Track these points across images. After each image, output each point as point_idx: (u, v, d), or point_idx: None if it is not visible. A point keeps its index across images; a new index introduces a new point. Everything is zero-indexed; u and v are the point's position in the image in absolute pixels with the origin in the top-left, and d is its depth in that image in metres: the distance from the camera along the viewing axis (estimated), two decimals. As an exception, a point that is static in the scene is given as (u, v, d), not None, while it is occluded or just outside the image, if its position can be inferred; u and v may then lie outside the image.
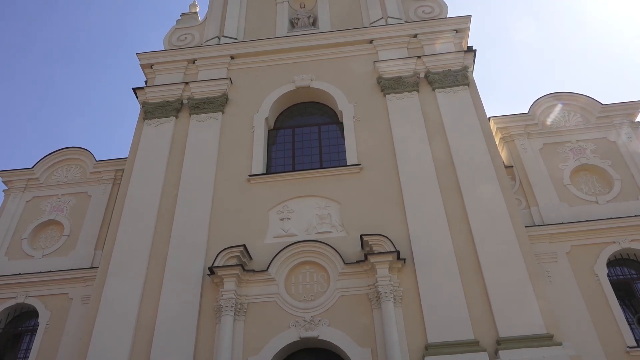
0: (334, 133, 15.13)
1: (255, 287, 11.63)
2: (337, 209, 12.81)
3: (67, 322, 12.73)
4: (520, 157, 14.67)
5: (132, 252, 12.49)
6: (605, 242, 12.63)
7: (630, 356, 10.92)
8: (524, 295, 10.73)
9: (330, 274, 11.68)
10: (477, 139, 13.47)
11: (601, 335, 11.15)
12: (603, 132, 15.02)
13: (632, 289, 12.49)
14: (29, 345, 12.95)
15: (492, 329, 10.48)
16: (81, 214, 15.03)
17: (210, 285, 11.72)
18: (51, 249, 14.43)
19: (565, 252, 12.52)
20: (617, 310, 11.58)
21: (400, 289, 11.14)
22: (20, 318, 13.66)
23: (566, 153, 14.66)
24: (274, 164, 14.67)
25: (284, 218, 12.83)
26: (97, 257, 13.79)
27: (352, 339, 10.69)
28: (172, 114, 15.45)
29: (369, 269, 11.38)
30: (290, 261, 11.93)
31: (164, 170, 14.09)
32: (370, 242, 11.62)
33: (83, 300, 12.95)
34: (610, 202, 13.48)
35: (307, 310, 11.20)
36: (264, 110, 15.29)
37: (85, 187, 15.76)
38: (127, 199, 13.60)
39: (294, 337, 10.91)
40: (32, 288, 13.42)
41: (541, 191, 13.84)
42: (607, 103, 15.33)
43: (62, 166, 16.41)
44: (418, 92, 14.92)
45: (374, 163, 13.52)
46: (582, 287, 11.91)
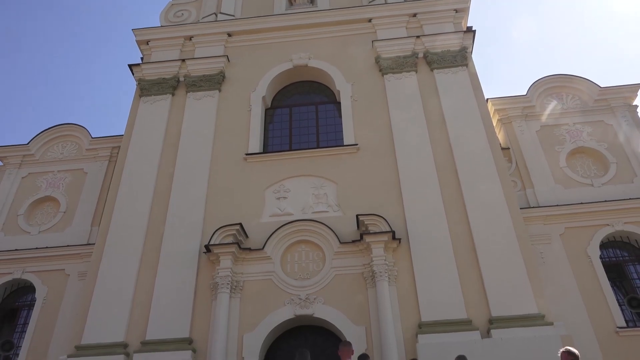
0: (331, 112, 15.07)
1: (251, 265, 11.71)
2: (333, 188, 12.84)
3: (64, 297, 12.83)
4: (517, 139, 14.69)
5: (128, 230, 12.52)
6: (599, 224, 12.74)
7: (619, 336, 11.11)
8: (517, 276, 10.85)
9: (325, 253, 11.77)
10: (475, 121, 13.45)
11: (592, 316, 11.32)
12: (600, 115, 15.03)
13: (623, 270, 12.65)
14: (26, 320, 13.07)
15: (485, 308, 10.61)
16: (77, 191, 15.03)
17: (206, 263, 11.79)
18: (47, 225, 14.46)
19: (559, 234, 12.64)
20: (608, 292, 11.73)
21: (395, 269, 11.24)
22: (17, 293, 13.77)
23: (563, 135, 14.68)
24: (271, 143, 14.64)
25: (280, 197, 12.85)
26: (93, 233, 13.84)
27: (346, 317, 10.82)
28: (169, 91, 15.33)
29: (365, 248, 11.46)
30: (286, 240, 11.99)
31: (160, 148, 14.05)
32: (366, 221, 11.68)
33: (80, 276, 13.03)
34: (605, 185, 13.55)
35: (303, 288, 11.30)
36: (261, 89, 15.19)
37: (81, 163, 15.73)
38: (123, 176, 13.58)
39: (289, 314, 11.03)
40: (29, 264, 13.49)
41: (537, 173, 13.90)
42: (605, 86, 15.31)
43: (57, 142, 16.35)
44: (416, 72, 14.83)
45: (371, 143, 13.51)
46: (575, 269, 12.05)
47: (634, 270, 12.66)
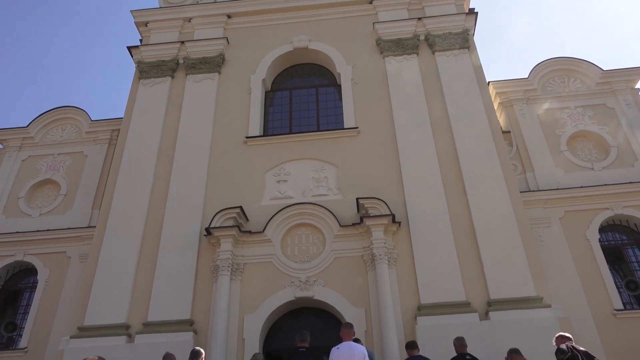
0: (331, 95, 15.00)
1: (251, 247, 11.77)
2: (333, 171, 12.83)
3: (66, 279, 12.93)
4: (518, 122, 14.66)
5: (128, 213, 12.55)
6: (599, 208, 12.77)
7: (617, 318, 11.22)
8: (516, 259, 10.90)
9: (325, 235, 11.81)
10: (476, 104, 13.38)
11: (590, 299, 11.42)
12: (602, 99, 14.96)
13: (622, 254, 12.72)
14: (28, 302, 13.19)
15: (484, 291, 10.68)
16: (77, 174, 15.04)
17: (207, 245, 11.85)
18: (48, 208, 14.50)
19: (558, 217, 12.68)
20: (606, 275, 11.81)
21: (394, 252, 11.30)
22: (19, 275, 13.87)
23: (564, 119, 14.64)
24: (271, 126, 14.60)
25: (280, 180, 12.85)
26: (94, 216, 13.88)
27: (346, 299, 10.91)
28: (168, 73, 15.23)
29: (364, 231, 11.51)
30: (286, 223, 12.03)
31: (160, 131, 14.00)
32: (366, 205, 11.71)
33: (81, 259, 13.11)
34: (606, 169, 13.56)
35: (303, 271, 11.37)
36: (261, 71, 15.08)
37: (81, 146, 15.71)
38: (123, 159, 13.56)
39: (290, 296, 11.11)
40: (31, 246, 13.56)
41: (537, 157, 13.89)
42: (608, 69, 15.21)
43: (57, 125, 16.31)
44: (417, 54, 14.71)
45: (371, 126, 13.46)
46: (574, 252, 12.11)
47: (632, 253, 12.73)
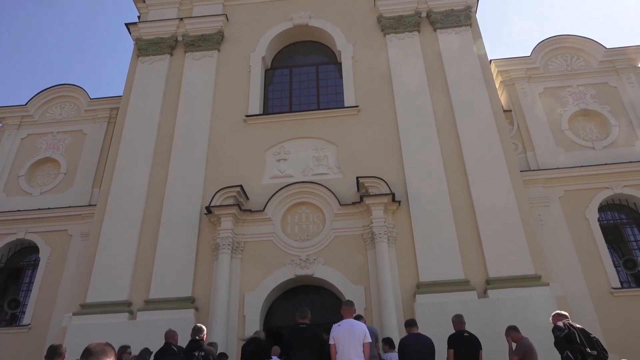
0: (332, 74, 14.87)
1: (251, 226, 11.81)
2: (333, 150, 12.81)
3: (68, 257, 13.00)
4: (520, 101, 14.56)
5: (129, 191, 12.57)
6: (599, 187, 12.77)
7: (614, 296, 11.32)
8: (515, 238, 10.95)
9: (325, 214, 11.85)
10: (477, 82, 13.28)
11: (588, 277, 11.50)
12: (605, 77, 14.84)
13: (621, 233, 12.77)
14: (31, 279, 13.30)
15: (483, 269, 10.77)
16: (77, 152, 15.00)
17: (207, 224, 11.89)
18: (49, 187, 14.51)
19: (558, 197, 12.69)
20: (604, 254, 11.88)
21: (394, 230, 11.35)
22: (21, 253, 13.96)
23: (566, 98, 14.54)
24: (271, 104, 14.51)
25: (280, 159, 12.84)
26: (94, 195, 13.89)
27: (346, 277, 11.00)
28: (167, 51, 15.07)
29: (364, 210, 11.54)
30: (286, 202, 12.06)
31: (159, 109, 13.93)
32: (366, 184, 11.71)
33: (82, 237, 13.16)
34: (607, 148, 13.52)
35: (303, 249, 11.44)
36: (260, 49, 14.93)
37: (81, 125, 15.64)
38: (122, 137, 13.52)
39: (290, 274, 11.21)
40: (32, 224, 13.61)
41: (538, 136, 13.83)
42: (611, 47, 15.05)
43: (56, 103, 16.21)
44: (419, 32, 14.54)
45: (372, 105, 13.38)
46: (573, 231, 12.16)
47: (631, 232, 12.78)
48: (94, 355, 2.71)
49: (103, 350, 2.76)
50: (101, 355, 2.73)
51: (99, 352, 2.74)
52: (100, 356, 2.72)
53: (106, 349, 2.78)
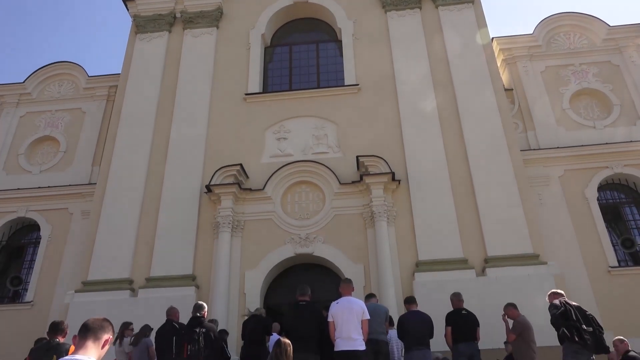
0: (332, 51, 14.72)
1: (251, 205, 11.85)
2: (333, 129, 12.76)
3: (69, 235, 13.08)
4: (521, 79, 14.45)
5: (129, 169, 12.56)
6: (599, 166, 12.77)
7: (611, 275, 11.42)
8: (514, 217, 10.99)
9: (325, 193, 11.87)
10: (479, 60, 13.15)
11: (586, 256, 11.59)
12: (607, 56, 14.70)
13: (619, 212, 12.82)
14: (32, 257, 13.40)
15: (481, 248, 10.83)
16: (76, 131, 14.96)
17: (207, 202, 11.92)
18: (48, 165, 14.51)
19: (558, 176, 12.70)
20: (603, 233, 11.94)
21: (394, 209, 11.38)
22: (23, 231, 14.04)
23: (568, 76, 14.42)
24: (271, 82, 14.40)
25: (280, 138, 12.80)
26: (94, 173, 13.90)
27: (346, 256, 11.08)
28: (165, 28, 14.89)
29: (364, 189, 11.55)
30: (286, 180, 12.07)
31: (158, 87, 13.83)
32: (366, 163, 11.71)
33: (83, 215, 13.22)
34: (608, 127, 13.47)
35: (303, 227, 11.49)
36: (260, 26, 14.74)
37: (79, 103, 15.56)
38: (122, 116, 13.46)
39: (290, 253, 11.28)
40: (32, 202, 13.66)
41: (539, 115, 13.77)
42: (615, 25, 14.88)
43: (54, 81, 16.10)
44: (420, 9, 14.33)
45: (372, 83, 13.28)
46: (572, 210, 12.20)
47: (629, 212, 12.83)
48: (92, 330, 2.73)
49: (101, 326, 2.78)
50: (99, 330, 2.75)
51: (97, 327, 2.76)
52: (97, 332, 2.74)
53: (104, 325, 2.80)
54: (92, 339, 2.70)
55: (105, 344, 2.75)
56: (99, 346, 2.71)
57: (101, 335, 2.74)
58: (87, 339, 2.69)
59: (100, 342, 2.72)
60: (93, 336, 2.71)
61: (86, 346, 2.66)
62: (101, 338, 2.73)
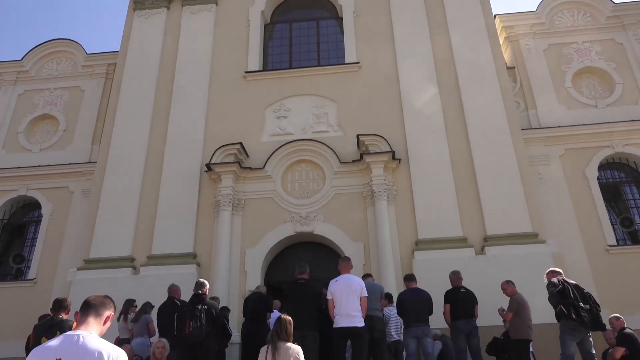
0: (332, 29, 14.53)
1: (252, 183, 11.86)
2: (334, 108, 12.69)
3: (70, 213, 13.11)
4: (524, 58, 14.30)
5: (129, 148, 12.54)
6: (600, 145, 12.73)
7: (609, 254, 11.49)
8: (514, 196, 11.00)
9: (326, 172, 11.87)
10: (481, 38, 13.00)
11: (585, 235, 11.63)
12: (611, 34, 14.52)
13: (619, 191, 12.83)
14: (34, 235, 13.47)
15: (481, 227, 10.87)
16: (75, 109, 14.88)
17: (207, 181, 11.93)
18: (48, 143, 14.48)
19: (558, 155, 12.66)
20: (602, 212, 11.96)
21: (394, 188, 11.39)
22: (24, 209, 14.08)
23: (571, 54, 14.27)
24: (271, 60, 14.26)
25: (280, 116, 12.73)
26: (94, 152, 13.88)
27: (346, 234, 11.13)
28: (163, 4, 14.68)
29: (365, 168, 11.55)
30: (286, 159, 12.06)
31: (157, 65, 13.71)
32: (366, 141, 11.68)
33: (84, 194, 13.24)
34: (610, 106, 13.38)
35: (303, 206, 11.52)
36: (260, 3, 14.53)
37: (78, 81, 15.44)
38: (121, 94, 13.37)
39: (290, 231, 11.34)
40: (33, 181, 13.66)
41: (541, 94, 13.67)
42: (620, 2, 14.67)
43: (52, 59, 15.95)
44: (422, -15, 14.09)
45: (373, 61, 13.16)
46: (572, 189, 12.20)
47: (629, 191, 12.84)
48: (93, 307, 2.76)
49: (102, 303, 2.81)
50: (100, 307, 2.78)
51: (98, 304, 2.79)
52: (99, 308, 2.77)
53: (105, 302, 2.83)
54: (94, 315, 2.73)
55: (107, 320, 2.79)
56: (100, 322, 2.74)
57: (102, 312, 2.77)
58: (88, 316, 2.72)
59: (102, 319, 2.76)
60: (94, 313, 2.74)
61: (88, 322, 2.70)
62: (102, 314, 2.77)
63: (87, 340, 2.53)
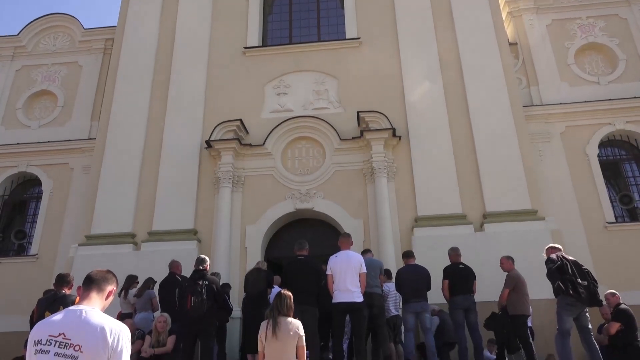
0: (333, 3, 14.29)
1: (252, 160, 11.85)
2: (334, 84, 12.59)
3: (70, 190, 13.12)
4: (526, 34, 14.11)
5: (128, 124, 12.48)
6: (601, 123, 12.67)
7: (607, 230, 11.55)
8: (514, 174, 11.01)
9: (326, 149, 11.85)
10: (483, 13, 12.80)
11: (584, 212, 11.67)
12: (615, 9, 14.30)
13: (619, 169, 12.83)
14: (35, 211, 13.52)
15: (480, 204, 10.90)
16: (74, 84, 14.75)
17: (207, 158, 11.92)
18: (47, 120, 14.40)
19: (559, 132, 12.62)
20: (602, 189, 11.97)
21: (394, 165, 11.39)
22: (24, 186, 14.10)
23: (574, 30, 14.08)
24: (270, 35, 14.07)
25: (280, 93, 12.64)
26: (93, 128, 13.82)
27: (345, 211, 11.17)
28: (161, -22, 14.42)
29: (365, 145, 11.52)
30: (286, 136, 12.02)
31: (155, 40, 13.54)
32: (366, 118, 11.62)
33: (84, 170, 13.24)
34: (612, 83, 13.27)
35: (303, 183, 11.54)
36: (259, -24, 14.27)
37: (76, 56, 15.27)
38: (119, 69, 13.25)
39: (290, 208, 11.37)
40: (33, 157, 13.65)
41: (543, 70, 13.54)
42: (625, -24, 14.41)
43: (49, 34, 15.74)
44: (425, -41, 13.82)
45: (374, 37, 12.99)
46: (572, 167, 12.19)
47: (629, 168, 12.84)
48: (96, 282, 2.78)
49: (104, 278, 2.83)
50: (102, 282, 2.80)
51: (101, 279, 2.81)
52: (101, 283, 2.79)
53: (107, 277, 2.85)
54: (96, 290, 2.76)
55: (109, 295, 2.82)
56: (102, 297, 2.77)
57: (105, 287, 2.79)
58: (91, 290, 2.75)
59: (104, 294, 2.79)
60: (97, 288, 2.76)
61: (90, 297, 2.72)
62: (105, 289, 2.79)
63: (89, 315, 2.56)
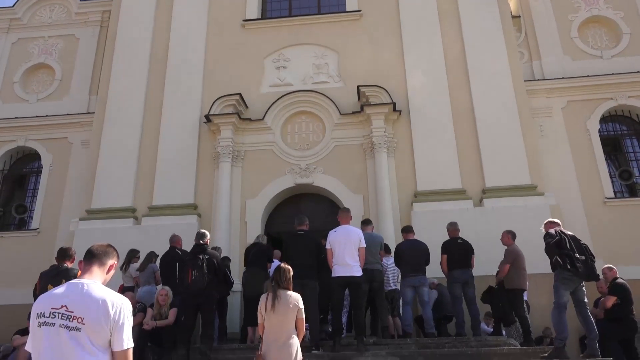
0: (333, -26, 14.04)
1: (251, 135, 11.81)
2: (334, 58, 12.45)
3: (70, 164, 13.09)
4: (530, 6, 13.87)
5: (127, 98, 12.39)
6: (603, 97, 12.56)
7: (606, 206, 11.58)
8: (514, 148, 10.99)
9: (326, 124, 11.79)
10: (487, -15, 12.59)
11: (583, 187, 11.68)
12: (622, -20, 14.03)
13: (620, 144, 12.79)
14: (35, 186, 13.53)
15: (480, 179, 10.92)
16: (71, 58, 14.56)
17: (207, 132, 11.88)
18: (45, 94, 14.27)
19: (561, 107, 12.53)
20: (602, 165, 11.95)
21: (394, 140, 11.36)
22: (24, 160, 14.07)
23: (578, 3, 13.83)
24: (270, 7, 13.85)
25: (280, 67, 12.52)
26: (92, 102, 13.69)
27: (345, 186, 11.19)
28: (158, -52, 14.10)
29: (365, 119, 11.47)
30: (286, 111, 11.95)
31: (153, 13, 13.34)
32: (367, 93, 11.54)
33: (83, 145, 13.19)
34: (615, 57, 13.10)
35: (303, 158, 11.52)
36: (258, -54, 13.97)
37: (72, 29, 15.02)
38: (116, 43, 13.08)
39: (290, 183, 11.39)
40: (31, 132, 13.58)
41: (546, 44, 13.35)
42: (631, -54, 14.08)
43: (44, 5, 15.45)
44: None
45: (375, 9, 12.80)
46: (572, 142, 12.14)
47: (630, 144, 12.80)
48: (97, 256, 2.80)
49: (105, 252, 2.85)
50: (103, 256, 2.82)
51: (102, 253, 2.83)
52: (102, 257, 2.81)
53: (108, 251, 2.87)
54: (98, 264, 2.78)
55: (110, 269, 2.84)
56: (104, 271, 2.80)
57: (106, 261, 2.82)
58: (92, 264, 2.77)
59: (105, 268, 2.81)
60: (98, 262, 2.79)
61: (92, 271, 2.75)
62: (106, 263, 2.81)
63: (91, 288, 2.59)
